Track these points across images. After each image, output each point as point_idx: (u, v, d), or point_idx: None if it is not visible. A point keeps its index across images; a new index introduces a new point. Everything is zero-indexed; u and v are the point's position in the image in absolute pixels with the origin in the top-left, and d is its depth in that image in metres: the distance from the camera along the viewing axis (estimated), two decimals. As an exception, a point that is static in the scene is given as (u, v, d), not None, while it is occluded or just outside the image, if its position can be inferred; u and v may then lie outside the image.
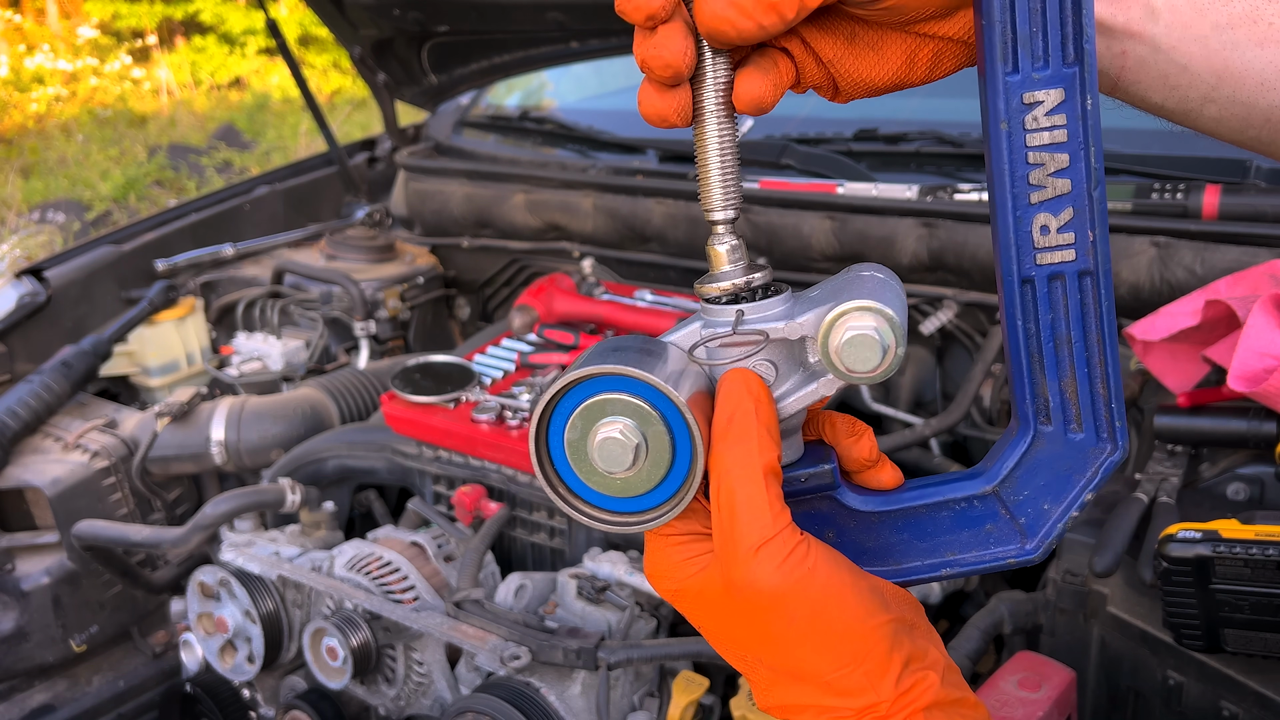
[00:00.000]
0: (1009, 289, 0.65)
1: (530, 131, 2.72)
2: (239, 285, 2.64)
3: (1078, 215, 0.63)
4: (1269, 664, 1.18)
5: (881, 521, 0.71)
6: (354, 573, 1.63)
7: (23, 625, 1.97)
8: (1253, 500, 1.37)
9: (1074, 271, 0.64)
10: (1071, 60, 0.61)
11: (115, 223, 7.80)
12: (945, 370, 2.05)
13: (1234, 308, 1.37)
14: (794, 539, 0.62)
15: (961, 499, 0.70)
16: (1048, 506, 0.68)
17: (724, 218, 0.67)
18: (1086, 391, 0.66)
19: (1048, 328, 0.65)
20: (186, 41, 14.70)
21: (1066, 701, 1.26)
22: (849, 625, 0.62)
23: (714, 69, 0.64)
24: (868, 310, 0.62)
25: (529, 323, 2.03)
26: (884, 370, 0.63)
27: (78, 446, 2.07)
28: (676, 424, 0.63)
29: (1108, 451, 0.66)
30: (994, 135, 0.63)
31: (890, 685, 0.62)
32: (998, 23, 0.61)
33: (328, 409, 2.14)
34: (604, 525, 0.66)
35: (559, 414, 0.65)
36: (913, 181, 1.99)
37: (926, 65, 0.67)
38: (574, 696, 1.43)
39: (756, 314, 0.66)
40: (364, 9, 2.44)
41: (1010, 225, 0.64)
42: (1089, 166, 0.62)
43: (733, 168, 0.66)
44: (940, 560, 0.71)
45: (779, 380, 0.67)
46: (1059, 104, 0.62)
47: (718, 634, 0.66)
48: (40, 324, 2.37)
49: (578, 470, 0.65)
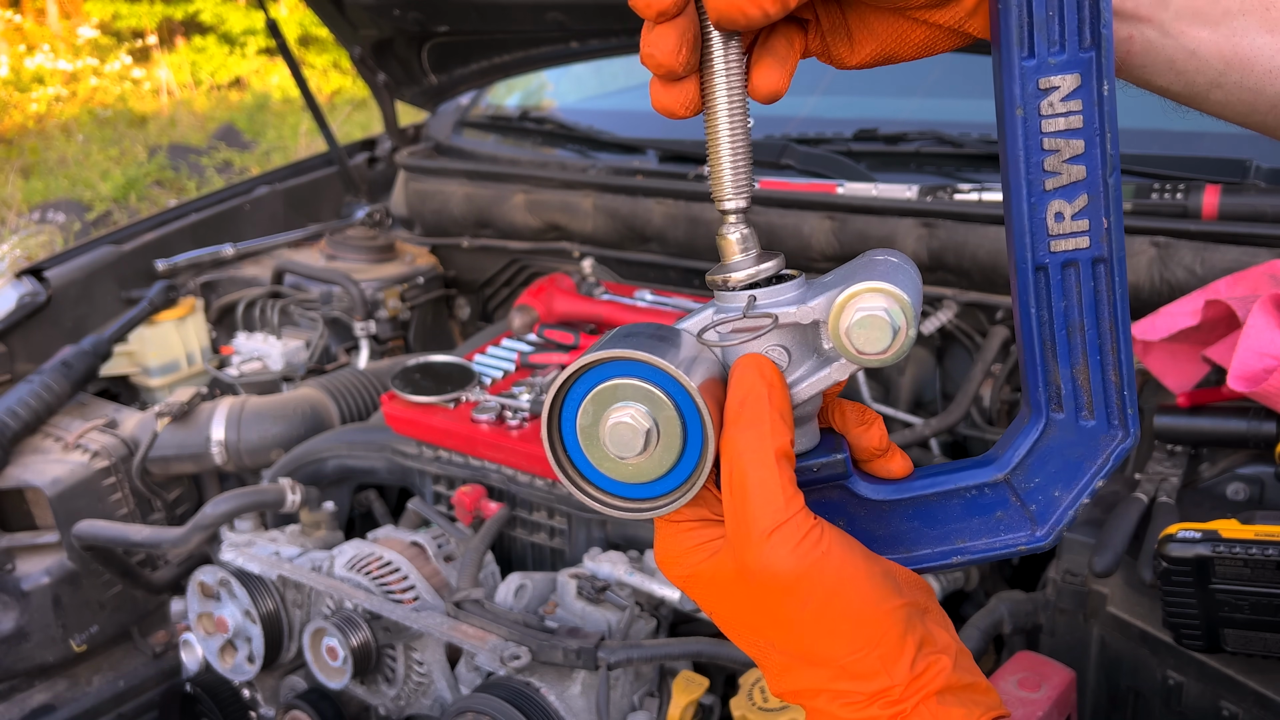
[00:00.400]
0: (1022, 276, 0.65)
1: (530, 131, 2.72)
2: (239, 285, 2.64)
3: (1093, 202, 0.62)
4: (1269, 664, 1.18)
5: (893, 510, 0.71)
6: (354, 573, 1.63)
7: (23, 625, 1.98)
8: (1252, 500, 1.37)
9: (1088, 259, 0.63)
10: (1088, 45, 0.60)
11: (115, 223, 7.80)
12: (945, 370, 2.05)
13: (1234, 308, 1.37)
14: (808, 522, 0.62)
15: (972, 486, 0.70)
16: (1058, 493, 0.68)
17: (735, 206, 0.67)
18: (1099, 378, 0.66)
19: (1060, 315, 0.65)
20: (186, 41, 14.70)
21: (1066, 701, 1.26)
22: (863, 609, 0.62)
23: (725, 57, 0.63)
24: (879, 291, 0.62)
25: (529, 323, 2.03)
26: (896, 351, 0.63)
27: (78, 446, 2.07)
28: (688, 409, 0.63)
29: (1119, 438, 0.66)
30: (1009, 121, 0.62)
31: (904, 669, 0.62)
32: (1014, 6, 0.60)
33: (328, 409, 2.14)
34: (616, 511, 0.66)
35: (571, 400, 0.65)
36: (912, 182, 1.98)
37: (917, 47, 0.67)
38: (574, 696, 1.43)
39: (769, 299, 0.66)
40: (364, 9, 2.44)
41: (1024, 212, 0.63)
42: (1104, 153, 0.62)
43: (744, 157, 0.66)
44: (951, 548, 0.71)
45: (792, 366, 0.67)
46: (1075, 89, 0.61)
47: (730, 620, 0.66)
48: (40, 324, 2.37)
49: (590, 456, 0.65)
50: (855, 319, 0.62)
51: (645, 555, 1.58)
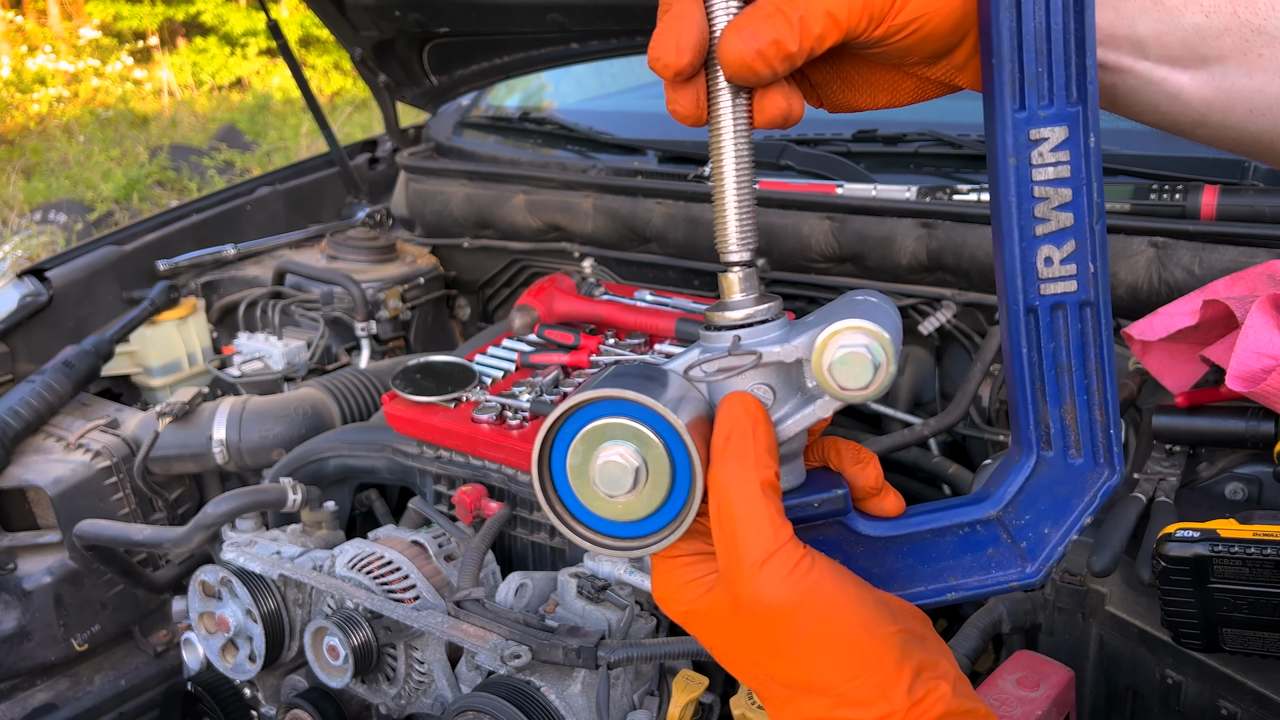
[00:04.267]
0: (1014, 318, 0.66)
1: (530, 132, 2.73)
2: (240, 285, 2.64)
3: (1079, 248, 0.64)
4: (1267, 663, 1.18)
5: (888, 547, 0.72)
6: (355, 572, 1.63)
7: (25, 624, 1.98)
8: (1251, 500, 1.37)
9: (1075, 302, 0.65)
10: (1075, 100, 0.62)
11: (117, 223, 7.81)
12: (944, 370, 2.06)
13: (1232, 308, 1.37)
14: (797, 552, 0.63)
15: (965, 524, 0.71)
16: (1048, 530, 0.69)
17: (740, 259, 0.68)
18: (1085, 418, 0.67)
19: (1049, 356, 0.67)
20: (188, 42, 14.71)
21: (1065, 700, 1.26)
22: (858, 636, 0.62)
23: (733, 112, 0.65)
24: (859, 330, 0.64)
25: (529, 323, 2.04)
26: (876, 388, 0.64)
27: (79, 446, 2.07)
28: (675, 447, 0.64)
29: (1105, 476, 0.68)
30: (1001, 169, 0.64)
31: (902, 694, 0.62)
32: (1007, 61, 0.62)
33: (329, 409, 2.15)
34: (607, 550, 0.67)
35: (561, 440, 0.66)
36: (911, 182, 1.99)
37: (908, 96, 0.70)
38: (574, 695, 1.43)
39: (753, 338, 0.68)
40: (365, 10, 2.44)
41: (1016, 256, 0.65)
42: (1090, 201, 0.63)
43: (749, 209, 0.68)
44: (944, 585, 0.72)
45: (777, 404, 0.68)
46: (1063, 140, 0.63)
47: (730, 654, 0.67)
48: (42, 324, 2.38)
49: (580, 496, 0.66)
50: (837, 356, 0.64)
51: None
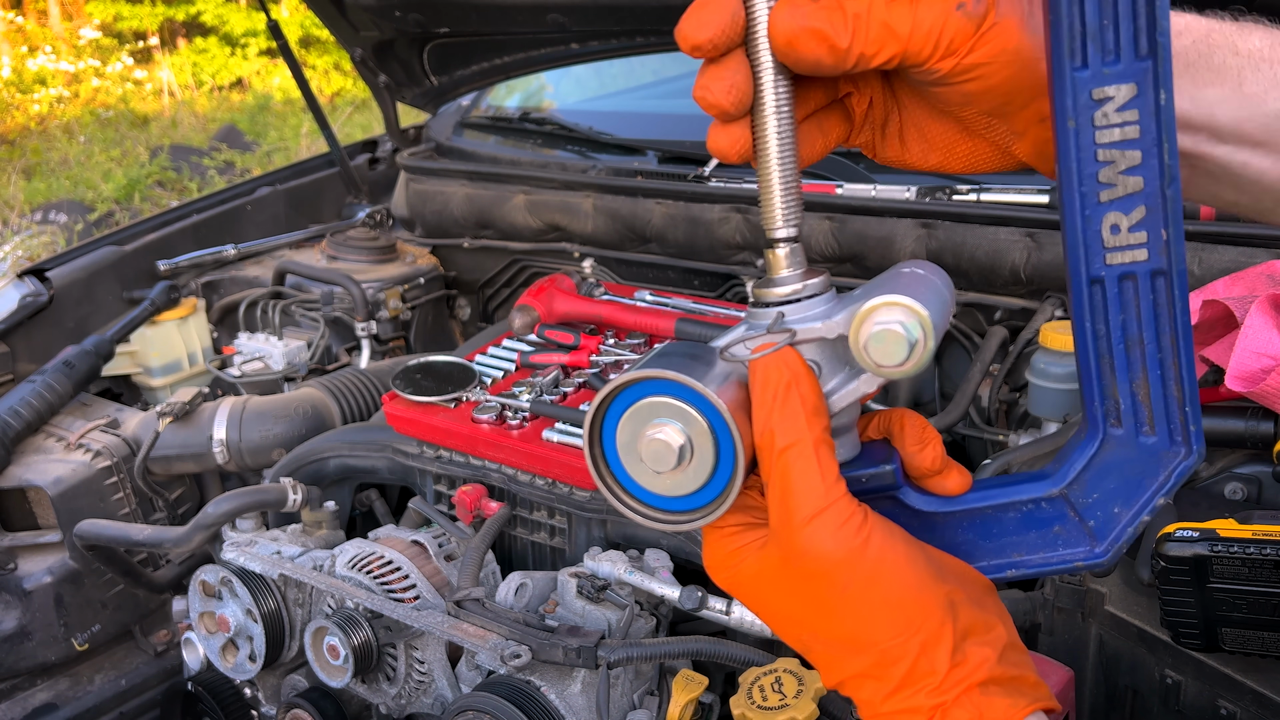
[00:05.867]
0: (1077, 290, 0.63)
1: (531, 133, 2.73)
2: (241, 285, 2.65)
3: (1150, 214, 0.60)
4: (1267, 663, 1.19)
5: (945, 522, 0.71)
6: (355, 572, 1.63)
7: (25, 624, 1.98)
8: (1250, 499, 1.37)
9: (1146, 271, 0.62)
10: (1145, 53, 0.57)
11: (117, 223, 7.81)
12: (944, 370, 2.06)
13: (1231, 308, 1.37)
14: (850, 507, 0.63)
15: (1028, 500, 0.69)
16: (1118, 510, 0.67)
17: (785, 235, 0.67)
18: (1160, 394, 0.64)
19: (1118, 329, 0.63)
20: (188, 43, 14.71)
21: (1065, 700, 1.26)
22: (905, 594, 0.62)
23: (775, 90, 0.64)
24: (896, 305, 0.62)
25: (529, 323, 2.04)
26: (913, 364, 0.63)
27: (80, 446, 2.07)
28: (719, 425, 0.64)
29: (1181, 455, 0.65)
30: (1061, 133, 0.61)
31: (945, 655, 0.62)
32: (1065, 15, 0.58)
33: (329, 409, 2.15)
34: (658, 524, 0.68)
35: (610, 417, 0.67)
36: (911, 182, 1.99)
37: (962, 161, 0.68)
38: (574, 695, 1.43)
39: (797, 314, 0.67)
40: (365, 11, 2.44)
41: (1079, 225, 0.62)
42: (1163, 163, 0.59)
43: (794, 186, 0.67)
44: (1006, 561, 0.70)
45: (824, 379, 0.68)
46: (1131, 99, 0.58)
47: (777, 614, 0.67)
48: (42, 324, 2.38)
49: (630, 471, 0.67)
50: (872, 333, 0.63)
51: (645, 554, 1.59)
